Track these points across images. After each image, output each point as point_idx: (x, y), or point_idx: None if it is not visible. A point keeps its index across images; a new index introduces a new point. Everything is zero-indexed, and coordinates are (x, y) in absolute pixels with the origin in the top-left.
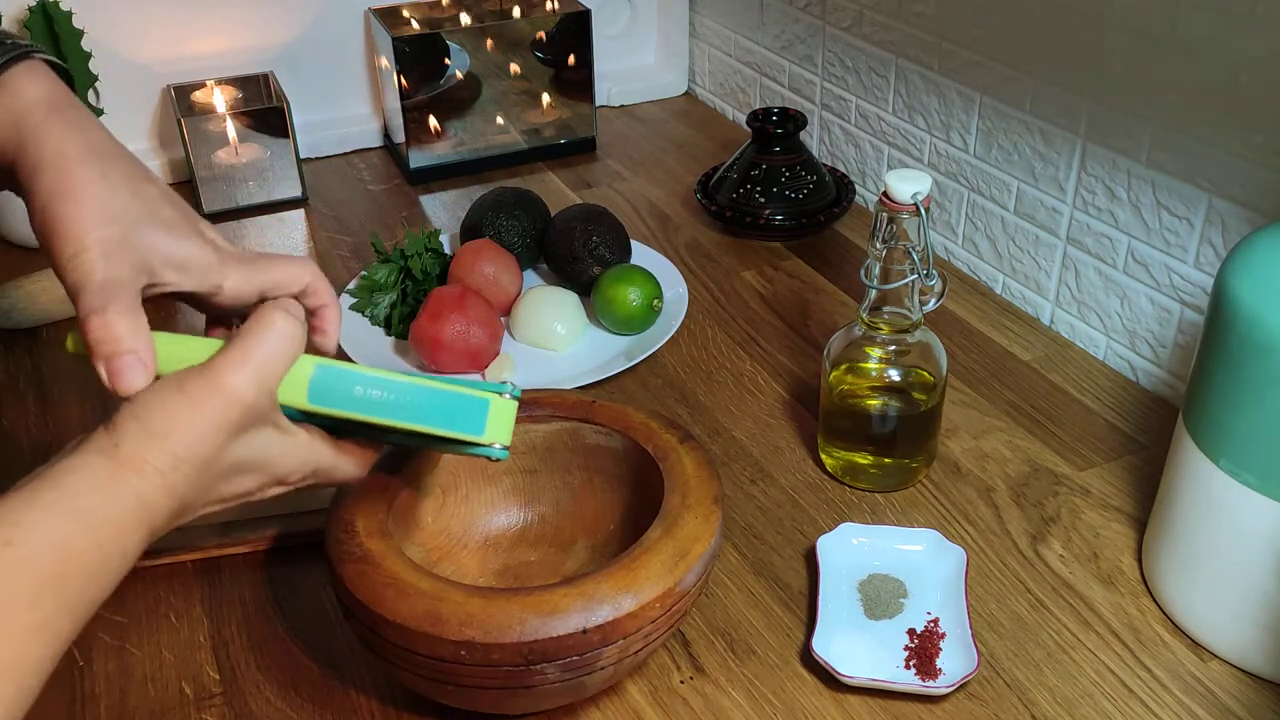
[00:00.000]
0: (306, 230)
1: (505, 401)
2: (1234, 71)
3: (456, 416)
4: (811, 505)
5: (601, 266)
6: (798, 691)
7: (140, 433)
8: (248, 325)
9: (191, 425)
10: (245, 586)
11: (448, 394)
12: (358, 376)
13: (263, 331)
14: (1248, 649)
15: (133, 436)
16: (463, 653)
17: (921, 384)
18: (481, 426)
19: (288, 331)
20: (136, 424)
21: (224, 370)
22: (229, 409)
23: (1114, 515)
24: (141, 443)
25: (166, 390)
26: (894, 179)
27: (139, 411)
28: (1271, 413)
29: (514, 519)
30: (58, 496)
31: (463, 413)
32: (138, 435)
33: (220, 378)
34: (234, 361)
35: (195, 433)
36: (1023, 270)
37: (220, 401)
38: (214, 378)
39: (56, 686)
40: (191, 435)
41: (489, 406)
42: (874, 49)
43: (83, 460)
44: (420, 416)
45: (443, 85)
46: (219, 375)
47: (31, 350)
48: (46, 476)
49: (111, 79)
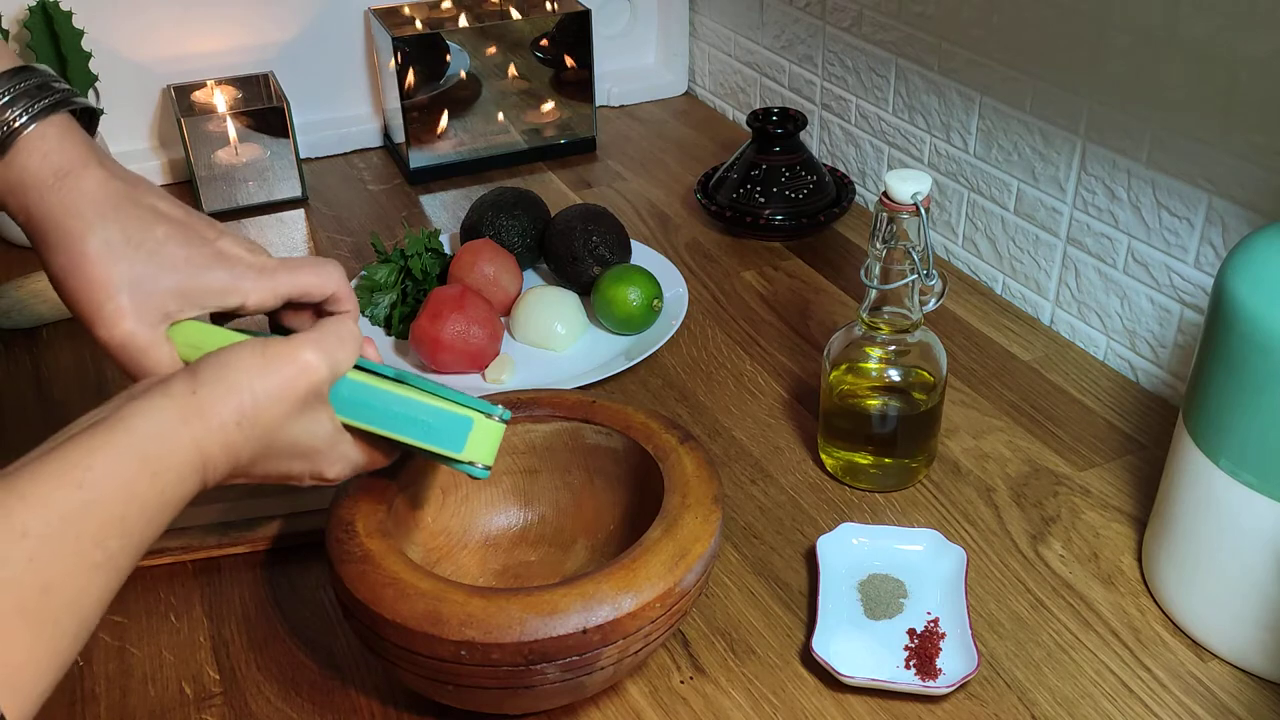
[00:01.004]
0: (306, 230)
1: (490, 423)
2: (1234, 71)
3: (438, 431)
4: (811, 505)
5: (601, 266)
6: (798, 691)
7: (218, 382)
8: (326, 320)
9: (266, 387)
10: (245, 586)
11: (432, 409)
12: (348, 382)
13: (339, 325)
14: (1248, 649)
15: (210, 384)
16: (463, 653)
17: (921, 384)
18: (461, 444)
19: (359, 334)
20: (216, 374)
21: (303, 345)
22: (300, 379)
23: (1114, 515)
24: (217, 392)
25: (250, 350)
26: (894, 179)
27: (222, 364)
28: (1271, 413)
29: (514, 519)
30: (129, 442)
31: (445, 429)
32: (215, 384)
33: (299, 350)
34: (312, 340)
35: (267, 394)
36: (1023, 270)
37: (295, 370)
38: (294, 349)
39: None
40: (263, 396)
41: (472, 426)
42: (874, 49)
43: (154, 404)
44: (401, 427)
45: (443, 85)
46: (298, 348)
47: (31, 350)
48: (118, 419)
49: (111, 79)
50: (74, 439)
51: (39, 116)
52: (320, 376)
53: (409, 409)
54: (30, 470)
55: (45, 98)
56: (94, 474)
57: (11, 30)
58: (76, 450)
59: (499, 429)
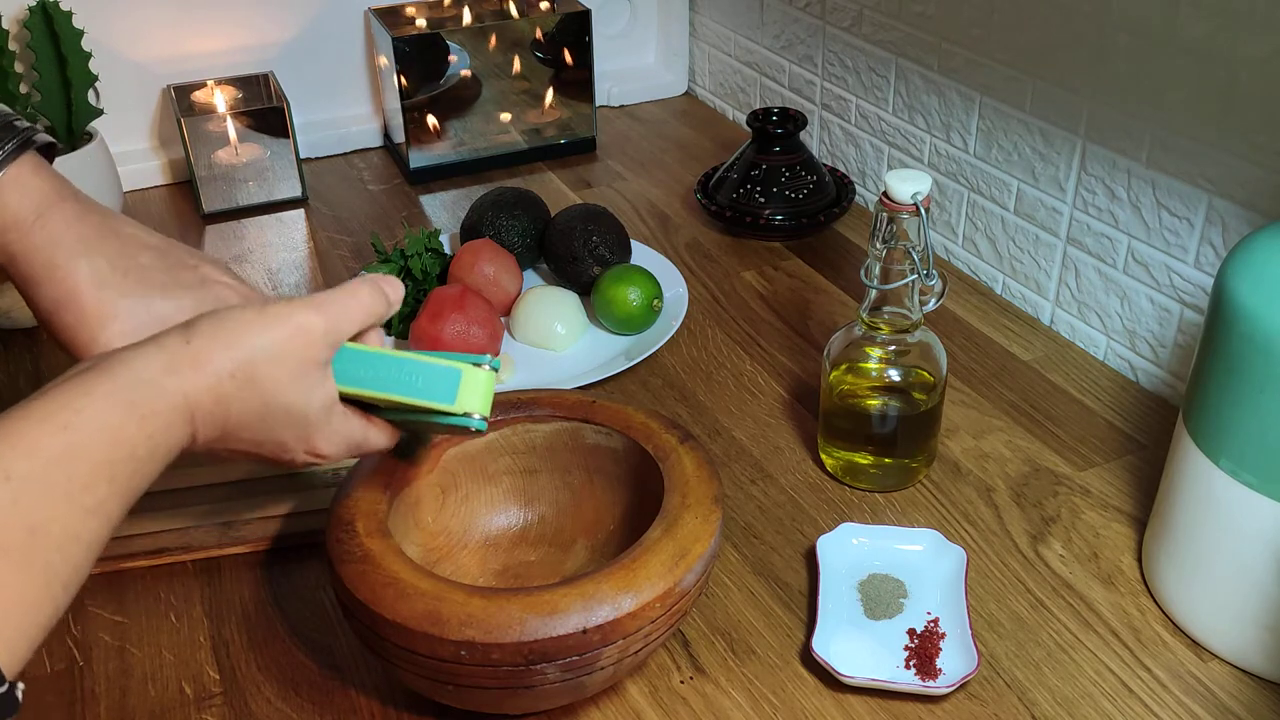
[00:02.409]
0: (306, 230)
1: (479, 372)
2: (1234, 71)
3: (427, 386)
4: (811, 505)
5: (601, 266)
6: (798, 691)
7: (212, 333)
8: (335, 288)
9: (260, 340)
10: (245, 586)
11: (418, 363)
12: (345, 352)
13: (345, 291)
14: (1248, 649)
15: (205, 335)
16: (463, 653)
17: (921, 384)
18: (453, 395)
19: (366, 302)
20: (211, 327)
21: (301, 306)
22: (297, 338)
23: (1114, 515)
24: (211, 343)
25: (249, 309)
26: (894, 179)
27: (218, 318)
28: (1271, 413)
29: (514, 519)
30: (114, 387)
31: (434, 382)
32: (210, 335)
33: (297, 311)
34: (312, 303)
35: (260, 347)
36: (1023, 270)
37: (291, 328)
38: (291, 309)
39: (57, 686)
40: (256, 348)
41: (461, 376)
42: (874, 49)
43: (143, 352)
44: (392, 386)
45: (443, 85)
46: (296, 309)
47: (31, 350)
48: (106, 365)
49: (111, 79)
50: (62, 384)
51: (8, 160)
52: (316, 336)
53: (395, 368)
54: (18, 414)
55: (10, 139)
56: (81, 417)
57: (11, 30)
58: (64, 394)
59: (489, 377)
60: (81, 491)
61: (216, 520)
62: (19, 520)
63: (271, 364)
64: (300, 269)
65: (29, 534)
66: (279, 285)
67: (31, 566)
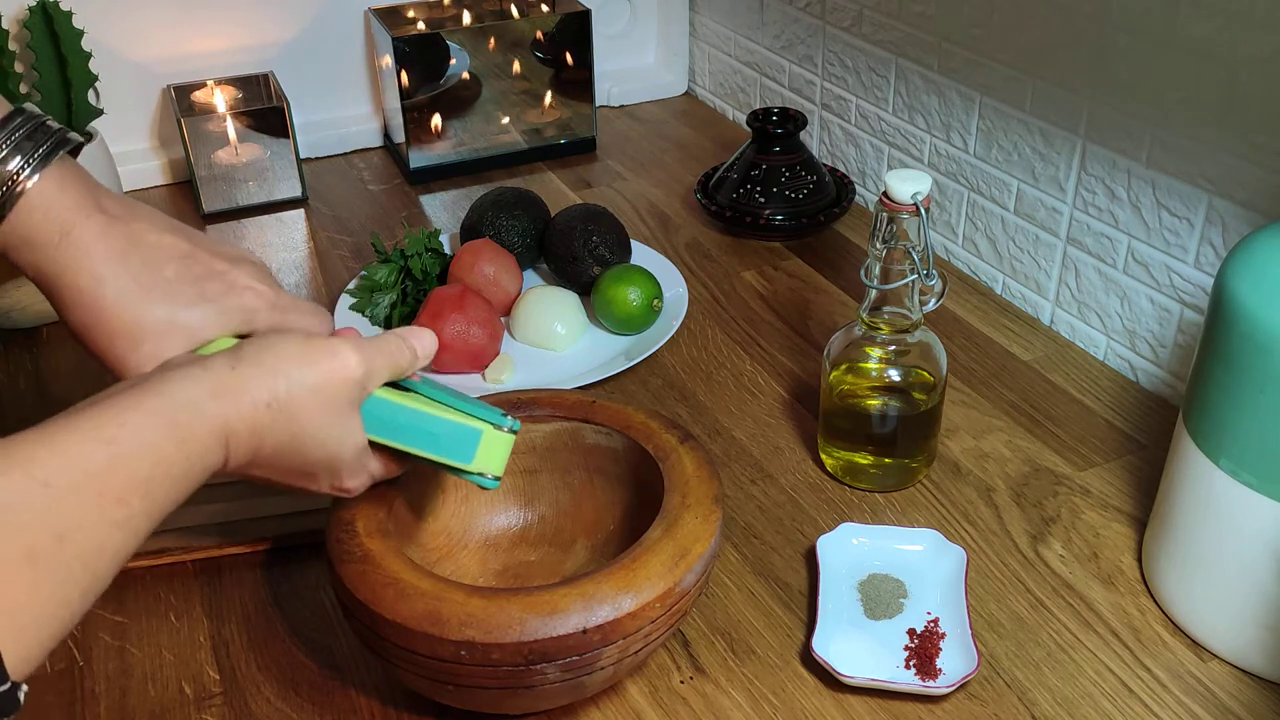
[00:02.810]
0: (306, 230)
1: (499, 434)
2: (1234, 71)
3: (446, 443)
4: (811, 505)
5: (601, 266)
6: (798, 691)
7: (257, 364)
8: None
9: (299, 373)
10: (245, 586)
11: (441, 420)
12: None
13: (383, 340)
14: (1248, 649)
15: (249, 364)
16: (463, 653)
17: (921, 384)
18: (470, 456)
19: (401, 352)
20: (257, 355)
21: (344, 345)
22: (336, 375)
23: (1114, 515)
24: (255, 372)
25: (294, 339)
26: (894, 179)
27: (263, 346)
28: (1271, 413)
29: (514, 519)
30: (160, 405)
31: (454, 440)
32: (253, 365)
33: (340, 348)
34: (355, 343)
35: (302, 383)
36: (1023, 270)
37: (334, 365)
38: (335, 346)
39: (57, 686)
40: (299, 384)
41: (480, 438)
42: (874, 49)
43: (191, 375)
44: (410, 439)
45: (443, 85)
46: (339, 346)
47: (31, 350)
48: (154, 381)
49: (111, 79)
50: (110, 398)
51: (40, 166)
52: (355, 376)
53: (418, 420)
54: (64, 423)
55: (44, 143)
56: (125, 431)
57: (11, 30)
58: (111, 408)
59: (508, 440)
60: (114, 505)
61: (216, 520)
62: (49, 526)
63: (309, 396)
64: (300, 269)
65: (56, 540)
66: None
67: (54, 573)
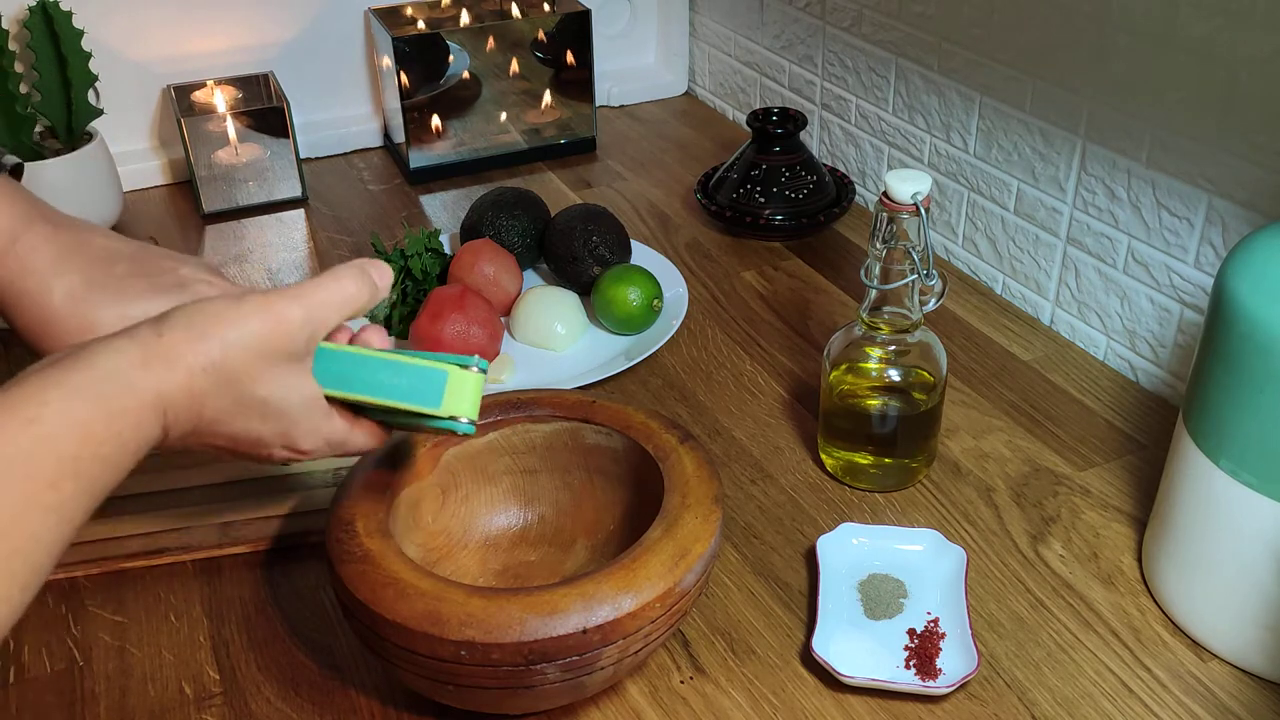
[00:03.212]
0: (306, 230)
1: (466, 373)
2: (1234, 71)
3: (412, 389)
4: (811, 505)
5: (601, 266)
6: (798, 691)
7: (185, 326)
8: (318, 278)
9: (235, 333)
10: (245, 586)
11: (403, 365)
12: (329, 353)
13: (328, 280)
14: (1248, 649)
15: (178, 328)
16: (463, 653)
17: (921, 384)
18: (439, 399)
19: (350, 290)
20: (185, 319)
21: (279, 298)
22: (273, 331)
23: (1114, 515)
24: (183, 335)
25: (224, 300)
26: (894, 179)
27: (191, 310)
28: (1271, 413)
29: (514, 519)
30: (85, 381)
31: (419, 384)
32: (183, 328)
33: (274, 303)
34: (290, 294)
35: (235, 340)
36: (1023, 270)
37: (268, 321)
38: (269, 301)
39: (56, 686)
40: (231, 341)
41: (446, 378)
42: (874, 49)
43: (115, 345)
44: (375, 388)
45: (443, 85)
46: (273, 301)
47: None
48: (78, 357)
49: (111, 79)
50: (31, 375)
51: None
52: (294, 327)
53: (376, 368)
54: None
55: None
56: (48, 410)
57: (11, 30)
58: (32, 386)
59: (477, 379)
60: (45, 489)
61: (216, 520)
62: None
63: (247, 356)
64: (300, 269)
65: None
66: (279, 285)
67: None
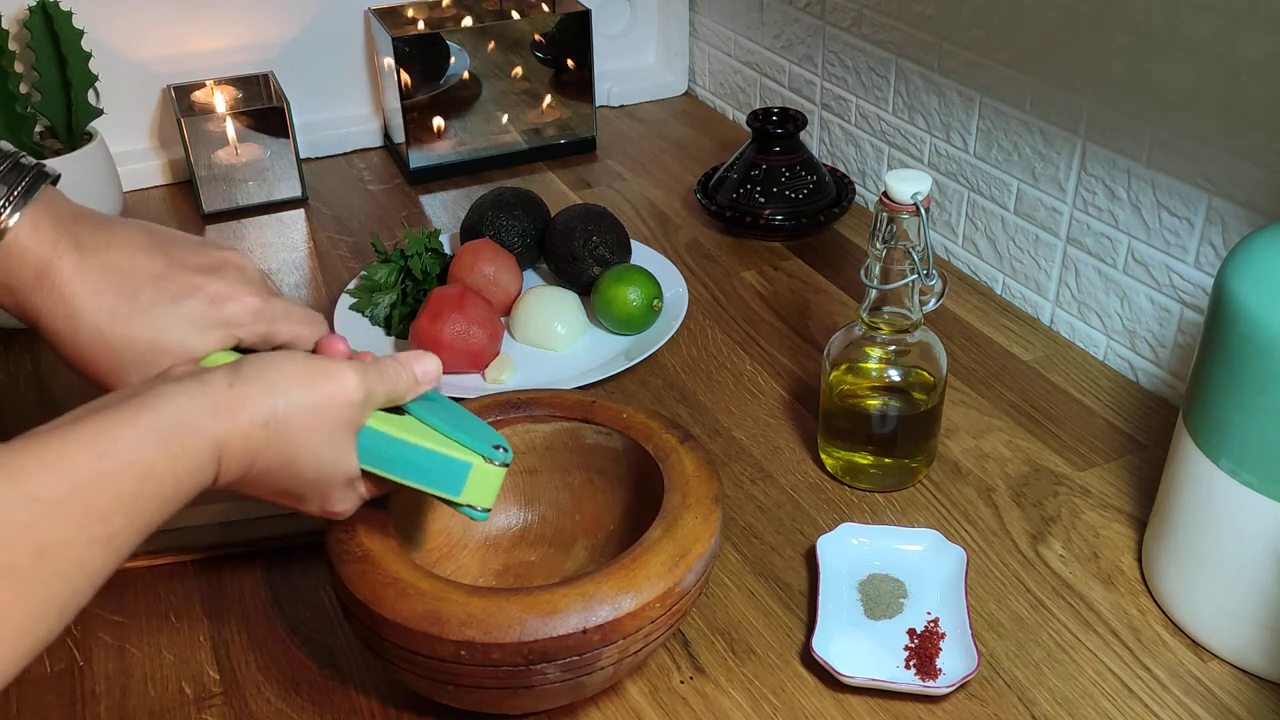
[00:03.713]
0: (306, 230)
1: (489, 468)
2: (1234, 72)
3: (436, 476)
4: (811, 505)
5: (601, 266)
6: (798, 691)
7: (257, 380)
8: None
9: (302, 397)
10: (245, 586)
11: (430, 453)
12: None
13: (383, 364)
14: (1248, 649)
15: (249, 380)
16: (463, 653)
17: (921, 384)
18: (459, 489)
19: (400, 377)
20: (258, 372)
21: (346, 368)
22: (337, 398)
23: (1114, 515)
24: (254, 389)
25: (296, 358)
26: (894, 179)
27: (265, 365)
28: (1271, 413)
29: (514, 519)
30: (156, 421)
31: (443, 473)
32: (253, 381)
33: (342, 371)
34: (356, 367)
35: (301, 404)
36: (1023, 270)
37: (334, 388)
38: (337, 368)
39: (57, 686)
40: (297, 404)
41: (470, 471)
42: (874, 49)
43: (187, 389)
44: (406, 472)
45: (443, 85)
46: (341, 369)
47: (31, 350)
48: (151, 396)
49: (111, 79)
50: (103, 410)
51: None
52: (354, 400)
53: (408, 453)
54: (57, 433)
55: (21, 180)
56: (117, 446)
57: (11, 30)
58: (104, 421)
59: (498, 474)
60: (97, 522)
61: (216, 520)
62: (31, 541)
63: (306, 419)
64: (300, 269)
65: (37, 556)
66: (279, 285)
67: (33, 589)
